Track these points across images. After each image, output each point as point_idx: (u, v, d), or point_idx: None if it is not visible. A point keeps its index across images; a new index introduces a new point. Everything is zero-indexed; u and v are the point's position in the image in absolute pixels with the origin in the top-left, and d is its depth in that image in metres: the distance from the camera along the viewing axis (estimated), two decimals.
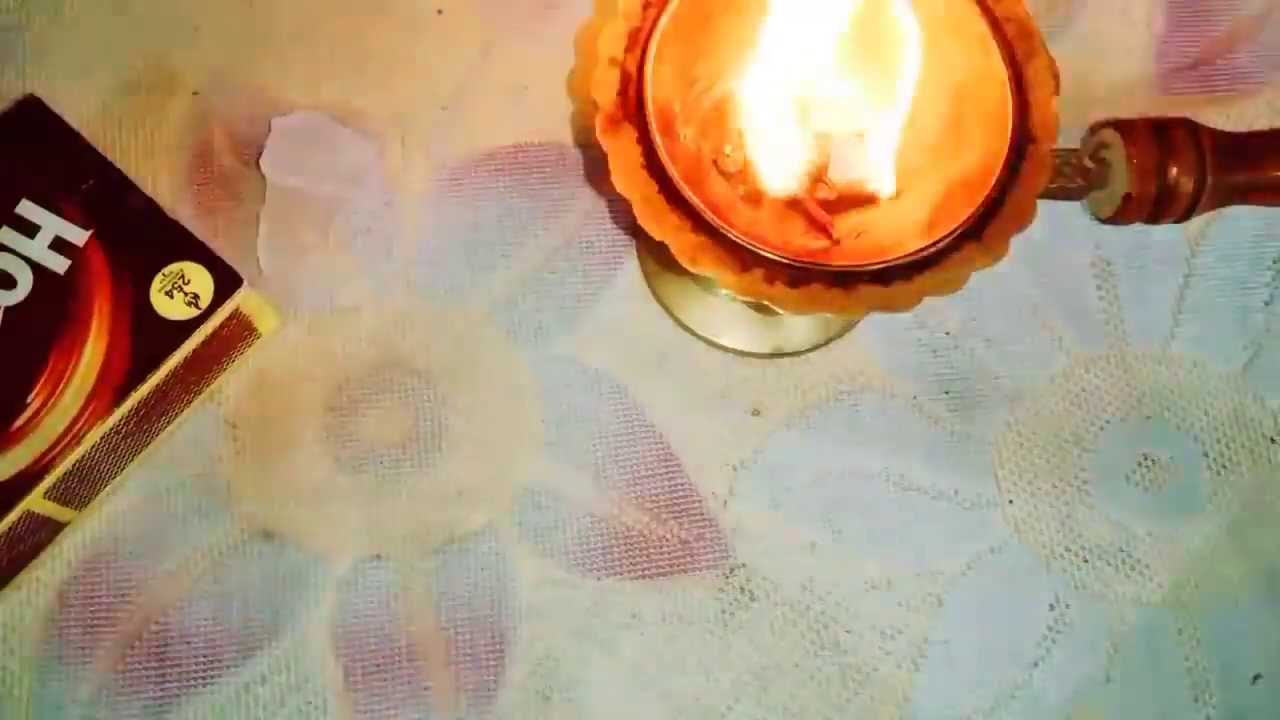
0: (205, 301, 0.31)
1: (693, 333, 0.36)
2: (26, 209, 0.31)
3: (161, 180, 0.36)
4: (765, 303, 0.27)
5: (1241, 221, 0.38)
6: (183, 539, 0.34)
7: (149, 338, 0.31)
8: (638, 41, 0.28)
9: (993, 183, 0.28)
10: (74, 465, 0.30)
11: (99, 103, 0.37)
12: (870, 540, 0.35)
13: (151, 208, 0.32)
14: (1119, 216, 0.36)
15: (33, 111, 0.32)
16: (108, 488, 0.34)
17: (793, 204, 0.31)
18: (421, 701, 0.33)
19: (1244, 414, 0.37)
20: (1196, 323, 0.37)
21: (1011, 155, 0.28)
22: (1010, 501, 0.36)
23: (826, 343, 0.36)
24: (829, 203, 0.31)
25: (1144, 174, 0.35)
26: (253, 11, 0.38)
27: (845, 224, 0.30)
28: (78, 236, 0.31)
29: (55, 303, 0.30)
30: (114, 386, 0.30)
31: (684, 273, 0.27)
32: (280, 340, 0.35)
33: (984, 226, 0.28)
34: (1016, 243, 0.28)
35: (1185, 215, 0.36)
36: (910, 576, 0.35)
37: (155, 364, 0.30)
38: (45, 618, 0.33)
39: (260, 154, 0.36)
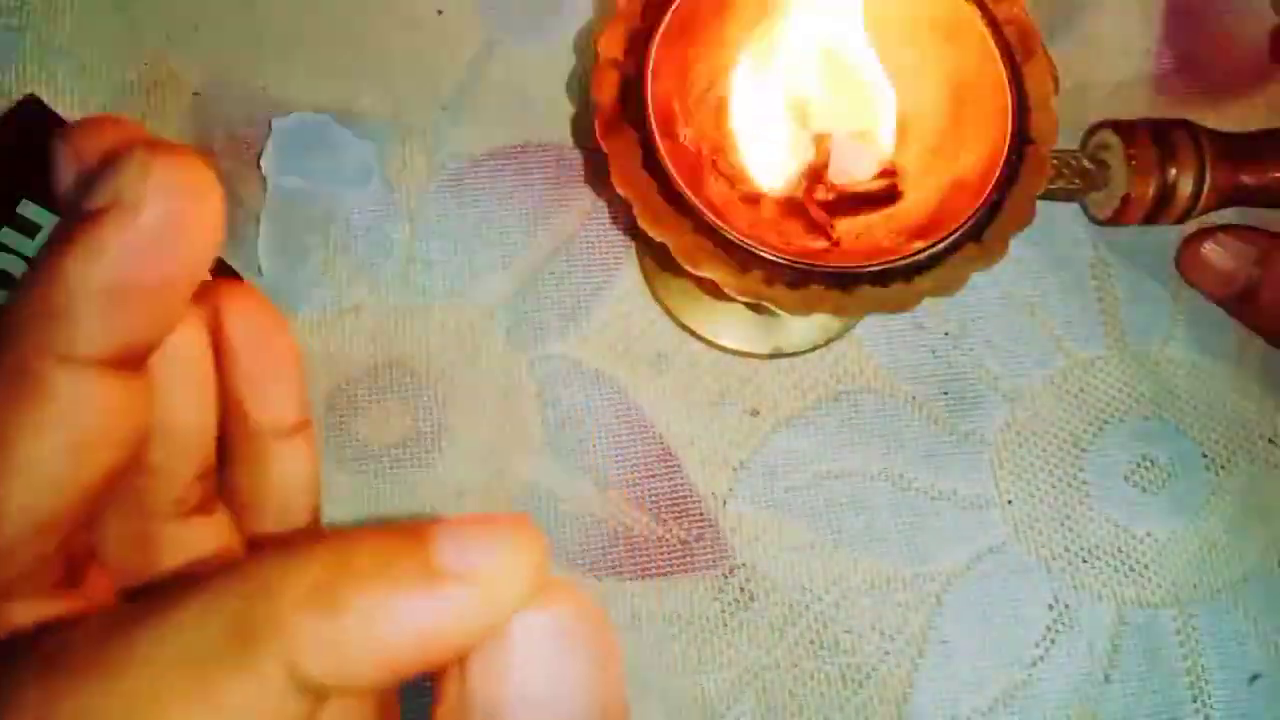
0: None
1: (693, 333, 0.36)
2: (26, 209, 0.31)
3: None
4: (765, 304, 0.27)
5: (1241, 222, 0.38)
6: None
7: None
8: (638, 42, 0.28)
9: (992, 184, 0.28)
10: None
11: (99, 103, 0.37)
12: (870, 540, 0.35)
13: None
14: (1118, 217, 0.36)
15: (33, 111, 0.32)
16: None
17: (792, 205, 0.31)
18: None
19: (1243, 414, 0.37)
20: (1195, 323, 0.37)
21: (1011, 156, 0.28)
22: (1010, 501, 0.36)
23: (826, 343, 0.36)
24: (828, 204, 0.31)
25: (1143, 175, 0.35)
26: (253, 11, 0.38)
27: (844, 225, 0.30)
28: None
29: None
30: None
31: (684, 273, 0.27)
32: None
33: (983, 227, 0.28)
34: (1016, 243, 0.28)
35: (1184, 216, 0.36)
36: (910, 576, 0.35)
37: None
38: None
39: (260, 154, 0.36)
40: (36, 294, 0.14)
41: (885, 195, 0.31)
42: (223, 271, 0.31)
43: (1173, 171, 0.35)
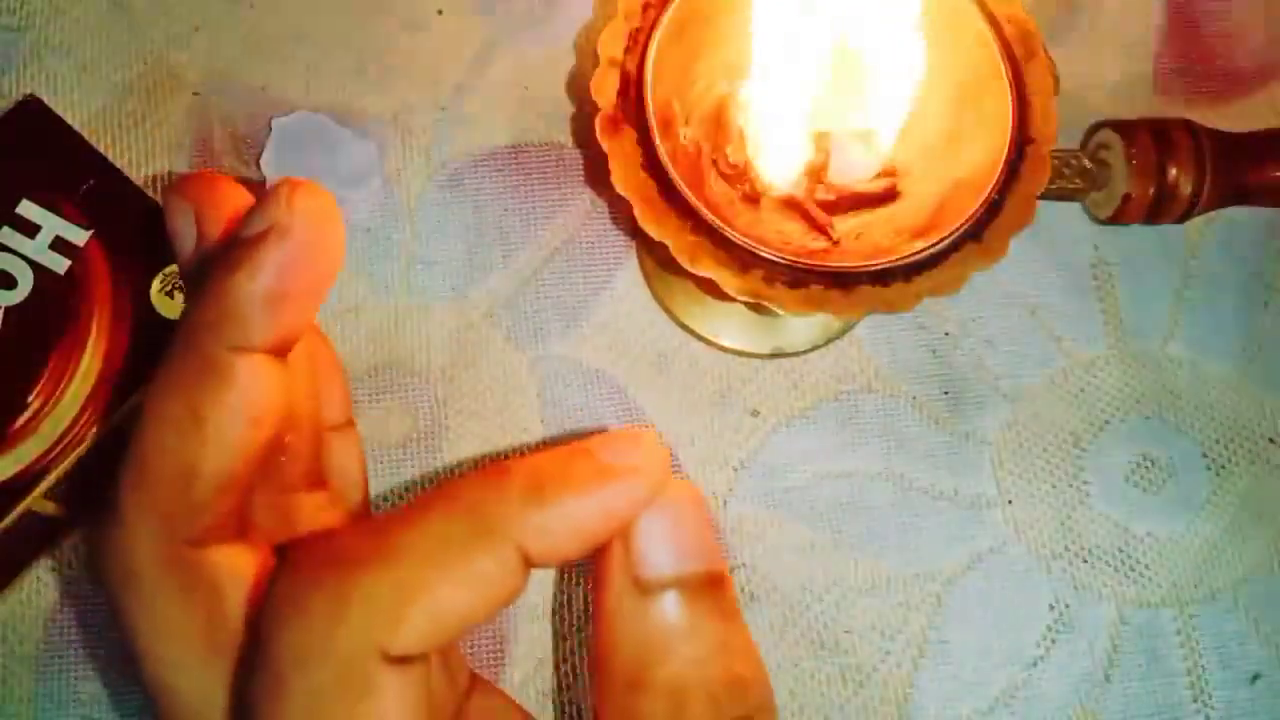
0: None
1: (693, 333, 0.36)
2: (26, 209, 0.31)
3: (161, 181, 0.36)
4: (765, 304, 0.27)
5: (1241, 221, 0.38)
6: None
7: (149, 338, 0.31)
8: (638, 41, 0.28)
9: (992, 183, 0.28)
10: (74, 465, 0.30)
11: (99, 103, 0.37)
12: (870, 540, 0.35)
13: (152, 208, 0.32)
14: (1118, 217, 0.36)
15: (33, 111, 0.32)
16: None
17: (792, 204, 0.31)
18: None
19: (1243, 414, 0.37)
20: (1196, 323, 0.37)
21: (1011, 156, 0.28)
22: (1010, 501, 0.36)
23: (826, 343, 0.36)
24: (828, 203, 0.31)
25: (1143, 174, 0.35)
26: (253, 11, 0.38)
27: (845, 225, 0.31)
28: (78, 236, 0.31)
29: (55, 303, 0.31)
30: (114, 386, 0.30)
31: (684, 273, 0.27)
32: None
33: (983, 227, 0.28)
34: (1016, 243, 0.28)
35: (1185, 215, 0.36)
36: (910, 576, 0.35)
37: (155, 364, 0.30)
38: (45, 618, 0.33)
39: (260, 154, 0.36)
40: (213, 303, 0.19)
41: (885, 195, 0.31)
42: None
43: (1173, 171, 0.35)
